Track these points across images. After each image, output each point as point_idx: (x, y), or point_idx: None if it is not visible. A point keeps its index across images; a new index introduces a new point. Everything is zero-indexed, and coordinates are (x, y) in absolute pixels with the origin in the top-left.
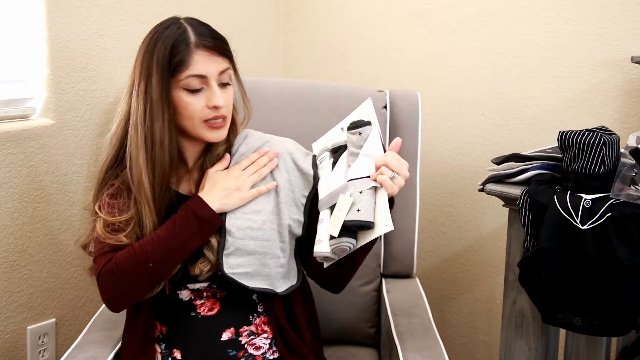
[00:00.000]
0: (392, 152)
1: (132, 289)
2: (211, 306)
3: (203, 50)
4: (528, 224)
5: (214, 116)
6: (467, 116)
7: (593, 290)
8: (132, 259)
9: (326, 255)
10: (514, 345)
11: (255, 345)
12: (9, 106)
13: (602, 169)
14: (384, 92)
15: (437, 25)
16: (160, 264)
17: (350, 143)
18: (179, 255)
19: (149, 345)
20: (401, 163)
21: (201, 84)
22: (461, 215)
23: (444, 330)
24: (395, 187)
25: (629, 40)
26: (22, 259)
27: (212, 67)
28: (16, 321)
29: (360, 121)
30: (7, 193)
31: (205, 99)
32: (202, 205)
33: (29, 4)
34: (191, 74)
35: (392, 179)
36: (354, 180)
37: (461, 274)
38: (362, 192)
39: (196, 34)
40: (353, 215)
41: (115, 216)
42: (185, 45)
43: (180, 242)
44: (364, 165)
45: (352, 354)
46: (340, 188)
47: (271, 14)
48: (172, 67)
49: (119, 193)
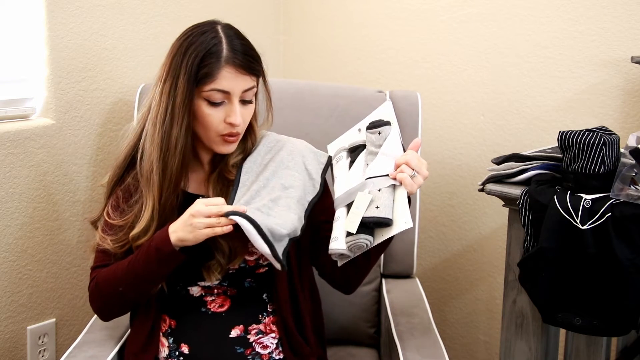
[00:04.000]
0: (412, 151)
1: (112, 306)
2: (222, 303)
3: (232, 67)
4: (528, 224)
5: (229, 132)
6: (467, 116)
7: (593, 290)
8: (107, 280)
9: (342, 252)
10: (514, 345)
11: (263, 344)
12: (9, 106)
13: (602, 169)
14: (384, 92)
15: (437, 25)
16: (128, 289)
17: (369, 142)
18: (144, 285)
19: (155, 339)
20: (421, 162)
21: (223, 98)
22: (461, 215)
23: (444, 330)
24: (414, 186)
25: (629, 40)
26: (22, 259)
27: (238, 85)
28: (16, 321)
29: (379, 121)
30: (7, 193)
31: (224, 113)
32: (163, 240)
33: (29, 4)
34: (215, 88)
35: (412, 177)
36: (372, 179)
37: (461, 274)
38: (381, 189)
39: (229, 49)
40: (372, 212)
41: (114, 219)
42: (216, 59)
43: (144, 273)
44: (383, 163)
45: (352, 354)
46: (358, 186)
47: (271, 14)
48: (198, 77)
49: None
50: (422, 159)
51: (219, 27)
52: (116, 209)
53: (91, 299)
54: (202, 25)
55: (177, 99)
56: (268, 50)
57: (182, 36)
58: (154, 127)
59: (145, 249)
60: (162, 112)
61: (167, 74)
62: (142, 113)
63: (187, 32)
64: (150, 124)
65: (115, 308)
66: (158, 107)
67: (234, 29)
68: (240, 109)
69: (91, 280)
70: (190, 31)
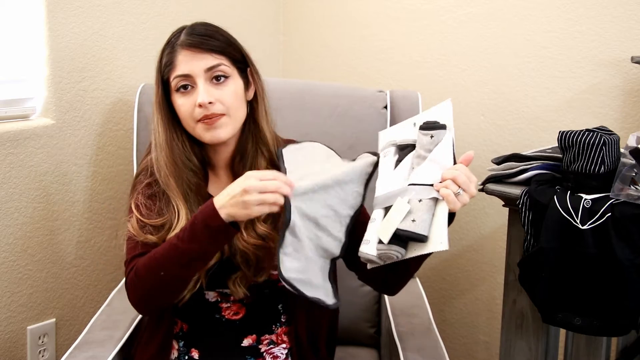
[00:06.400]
0: (462, 166)
1: (151, 297)
2: (237, 310)
3: (187, 50)
4: (528, 224)
5: (204, 115)
6: (467, 116)
7: (593, 290)
8: (146, 266)
9: (371, 258)
10: (514, 345)
11: (274, 355)
12: (9, 106)
13: (602, 169)
14: (384, 92)
15: (437, 25)
16: (170, 274)
17: (420, 144)
18: (188, 266)
19: (169, 342)
20: (470, 180)
21: (189, 83)
22: (461, 215)
23: (444, 330)
24: (458, 204)
25: (629, 40)
26: (22, 259)
27: (196, 65)
28: (16, 321)
29: (435, 123)
30: (7, 193)
31: (195, 98)
32: (212, 217)
33: (29, 4)
34: (177, 74)
35: (456, 194)
36: (415, 186)
37: (461, 274)
38: (422, 201)
39: (186, 34)
40: (407, 224)
41: (152, 218)
42: (171, 47)
43: (190, 252)
44: (430, 171)
45: (352, 354)
46: (399, 190)
47: (271, 14)
48: (162, 70)
49: (156, 195)
50: (473, 176)
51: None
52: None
53: (130, 290)
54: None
55: (155, 99)
56: (268, 50)
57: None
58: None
59: (189, 228)
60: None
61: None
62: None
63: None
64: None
65: (156, 298)
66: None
67: (201, 22)
68: (210, 88)
69: (129, 271)
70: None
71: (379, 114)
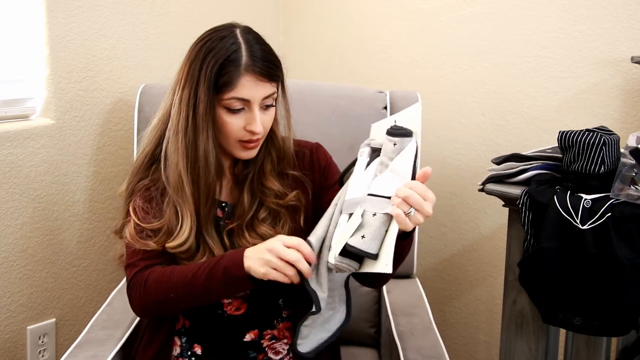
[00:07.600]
0: (417, 184)
1: (156, 309)
2: (238, 306)
3: (251, 75)
4: (528, 224)
5: (249, 139)
6: (467, 116)
7: (593, 290)
8: (159, 281)
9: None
10: (514, 345)
11: (275, 350)
12: (9, 106)
13: (602, 169)
14: (384, 92)
15: (437, 25)
16: (181, 298)
17: (384, 151)
18: (199, 299)
19: (171, 339)
20: (426, 197)
21: (242, 106)
22: (461, 215)
23: (444, 330)
24: (410, 225)
25: (629, 40)
26: (22, 259)
27: (258, 92)
28: (16, 321)
29: (401, 128)
30: (7, 193)
31: (244, 120)
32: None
33: (29, 4)
34: (235, 96)
35: (407, 214)
36: (373, 197)
37: (461, 274)
38: (376, 215)
39: (248, 55)
40: (356, 240)
41: (150, 222)
42: (235, 67)
43: (203, 289)
44: (389, 183)
45: (352, 354)
46: (360, 199)
47: (271, 14)
48: (218, 85)
49: (153, 198)
50: (430, 193)
51: (237, 32)
52: (147, 212)
53: (132, 297)
54: (221, 29)
55: (198, 109)
56: None
57: (199, 41)
58: (176, 136)
59: (211, 265)
60: (183, 120)
61: (185, 81)
62: (159, 118)
63: (205, 37)
64: (171, 132)
65: (160, 310)
66: (179, 116)
67: (253, 33)
68: (260, 115)
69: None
70: (208, 36)
71: (379, 114)
